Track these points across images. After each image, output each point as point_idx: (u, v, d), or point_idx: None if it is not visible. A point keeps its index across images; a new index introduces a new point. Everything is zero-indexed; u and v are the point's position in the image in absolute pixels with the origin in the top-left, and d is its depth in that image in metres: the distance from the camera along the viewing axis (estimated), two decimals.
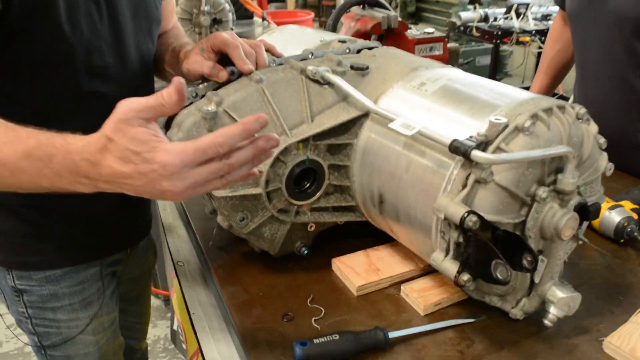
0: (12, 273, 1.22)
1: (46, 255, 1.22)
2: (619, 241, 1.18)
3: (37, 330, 1.28)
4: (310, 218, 1.07)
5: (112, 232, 1.29)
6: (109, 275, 1.33)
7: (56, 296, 1.25)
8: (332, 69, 1.04)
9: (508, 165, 0.79)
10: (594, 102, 1.61)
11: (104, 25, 1.06)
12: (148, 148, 0.72)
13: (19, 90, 1.01)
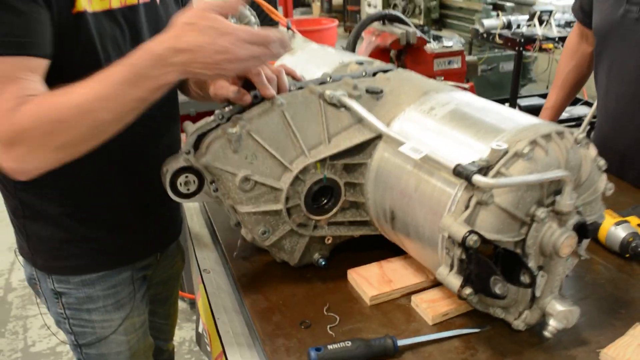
0: (52, 277, 1.32)
1: (82, 261, 1.32)
2: (624, 256, 1.23)
3: (74, 329, 1.38)
4: (328, 232, 1.14)
5: (143, 238, 1.39)
6: (140, 279, 1.43)
7: (91, 298, 1.35)
8: (349, 92, 1.11)
9: (508, 188, 0.86)
10: (615, 117, 1.66)
11: (127, 48, 1.16)
12: (222, 25, 0.95)
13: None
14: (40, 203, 1.25)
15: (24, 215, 1.28)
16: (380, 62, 1.34)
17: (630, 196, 1.52)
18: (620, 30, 1.57)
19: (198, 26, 0.95)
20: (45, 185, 1.20)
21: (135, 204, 1.33)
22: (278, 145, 1.06)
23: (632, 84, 1.57)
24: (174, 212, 1.49)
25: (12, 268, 3.70)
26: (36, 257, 1.33)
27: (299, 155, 1.06)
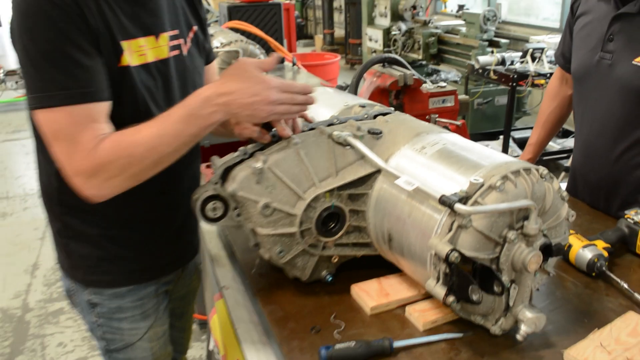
0: (88, 290, 1.53)
1: (115, 276, 1.53)
2: (591, 275, 1.41)
3: (106, 336, 1.58)
4: (334, 252, 1.34)
5: (167, 257, 1.60)
6: (163, 293, 1.63)
7: (121, 309, 1.55)
8: (353, 133, 1.31)
9: (483, 214, 1.05)
10: (587, 151, 1.86)
11: (160, 94, 1.39)
12: (259, 75, 1.22)
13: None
14: (81, 226, 1.47)
15: (67, 236, 1.49)
16: (380, 105, 1.55)
17: (602, 223, 1.71)
18: (595, 75, 1.76)
19: (239, 76, 1.22)
20: (86, 210, 1.42)
21: (161, 227, 1.54)
22: (293, 178, 1.26)
23: (602, 121, 1.76)
24: (193, 234, 1.70)
25: (29, 289, 3.87)
26: (75, 271, 1.53)
27: (311, 186, 1.26)
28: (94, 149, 1.19)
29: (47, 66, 1.18)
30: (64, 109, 1.19)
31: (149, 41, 1.37)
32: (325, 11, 11.69)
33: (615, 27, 1.68)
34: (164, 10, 1.42)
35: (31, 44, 1.18)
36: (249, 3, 4.22)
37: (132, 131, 1.22)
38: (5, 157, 6.70)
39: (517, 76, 4.70)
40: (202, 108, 1.21)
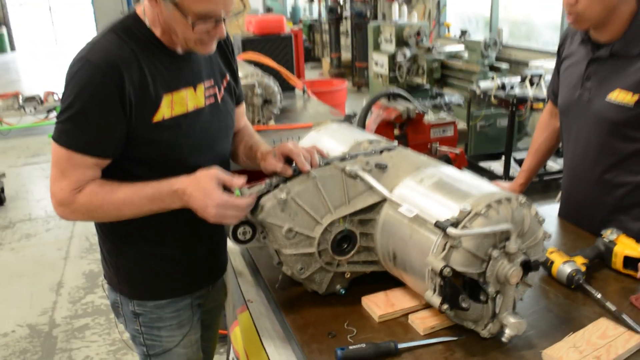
0: (133, 302, 1.77)
1: (157, 290, 1.78)
2: (570, 287, 1.63)
3: (146, 343, 1.82)
4: (347, 268, 1.56)
5: (200, 274, 1.85)
6: (196, 305, 1.87)
7: (161, 319, 1.79)
8: (362, 167, 1.54)
9: (471, 236, 1.27)
10: (572, 174, 2.08)
11: (196, 138, 1.64)
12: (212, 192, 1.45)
13: (140, 171, 1.60)
14: (128, 246, 1.72)
15: (116, 255, 1.75)
16: (385, 140, 1.78)
17: (584, 241, 1.91)
18: (576, 109, 1.99)
19: (198, 183, 1.48)
20: (132, 234, 1.68)
21: (196, 247, 1.77)
22: (312, 206, 1.49)
23: (583, 148, 1.99)
24: (222, 254, 1.93)
25: (55, 307, 4.10)
26: (122, 286, 1.78)
27: (327, 213, 1.49)
28: (74, 190, 1.51)
29: (71, 114, 1.47)
30: (68, 150, 1.49)
31: (189, 92, 1.62)
32: (332, 35, 12.00)
33: (591, 69, 1.91)
34: (200, 64, 1.67)
35: (71, 95, 1.47)
36: (261, 36, 4.48)
37: (109, 188, 1.53)
38: (27, 180, 6.97)
39: (516, 101, 4.93)
40: (168, 197, 1.52)
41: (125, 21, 1.57)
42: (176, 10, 1.44)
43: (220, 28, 1.52)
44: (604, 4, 1.77)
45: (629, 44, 1.81)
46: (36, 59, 19.44)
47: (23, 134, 9.00)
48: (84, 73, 1.46)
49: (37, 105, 8.74)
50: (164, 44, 1.57)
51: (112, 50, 1.48)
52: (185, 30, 1.49)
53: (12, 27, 22.91)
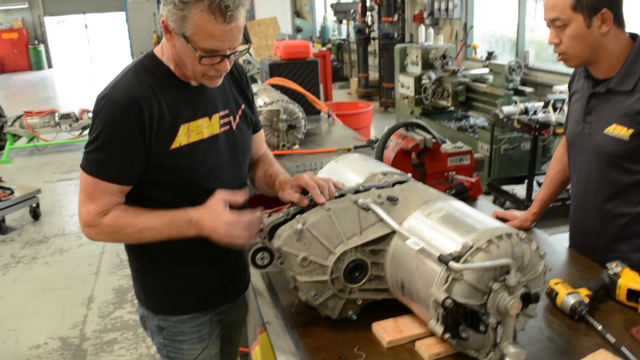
0: (158, 316, 1.93)
1: (180, 306, 1.93)
2: (574, 318, 1.69)
3: (170, 355, 1.97)
4: (359, 295, 1.66)
5: (220, 292, 1.99)
6: (217, 321, 2.01)
7: (183, 333, 1.94)
8: (374, 200, 1.64)
9: (472, 270, 1.36)
10: (577, 203, 2.16)
11: (212, 163, 1.81)
12: (219, 213, 1.63)
13: (160, 195, 1.77)
14: (153, 267, 1.90)
15: (143, 273, 1.92)
16: (399, 173, 1.88)
17: (591, 272, 1.97)
18: (579, 141, 2.08)
19: (209, 209, 1.67)
20: (158, 254, 1.84)
21: (215, 267, 1.89)
22: (326, 236, 1.59)
23: (586, 179, 2.07)
24: (243, 274, 2.04)
25: (85, 320, 4.25)
26: (148, 301, 1.94)
27: (340, 243, 1.59)
28: (100, 213, 1.69)
29: (97, 145, 1.66)
30: (94, 178, 1.67)
31: (205, 121, 1.79)
32: (360, 55, 12.14)
33: (591, 103, 2.01)
34: (215, 95, 1.84)
35: (97, 128, 1.66)
36: (288, 60, 4.62)
37: (132, 213, 1.70)
38: (61, 196, 7.22)
39: (539, 125, 4.97)
40: (184, 224, 1.68)
41: (143, 60, 1.77)
42: (187, 44, 1.60)
43: (225, 64, 1.67)
44: (585, 43, 1.87)
45: (622, 80, 1.90)
46: (72, 76, 20.00)
47: (58, 150, 9.31)
48: (107, 109, 1.65)
49: (73, 123, 9.05)
50: (179, 77, 1.76)
51: (132, 88, 1.67)
52: (193, 63, 1.65)
53: (50, 45, 23.62)
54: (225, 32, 1.58)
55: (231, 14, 1.55)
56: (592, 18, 1.85)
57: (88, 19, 25.85)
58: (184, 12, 1.55)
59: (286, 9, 11.10)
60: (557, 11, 1.87)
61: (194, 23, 1.56)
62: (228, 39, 1.60)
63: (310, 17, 18.85)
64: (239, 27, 1.61)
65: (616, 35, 1.90)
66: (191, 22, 1.56)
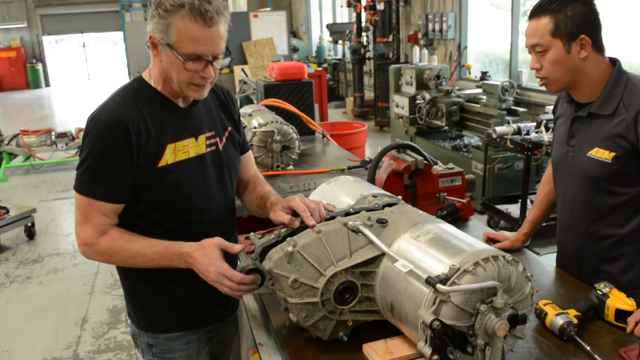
0: (148, 334, 1.97)
1: (168, 324, 1.97)
2: (563, 338, 1.71)
3: None
4: (349, 317, 1.67)
5: (209, 311, 2.02)
6: (205, 340, 2.05)
7: (172, 350, 1.98)
8: (364, 222, 1.67)
9: (459, 292, 1.38)
10: (563, 225, 2.19)
11: (198, 181, 1.87)
12: (216, 261, 1.69)
13: (150, 214, 1.83)
14: (144, 285, 1.94)
15: (133, 292, 1.96)
16: (389, 195, 1.90)
17: (581, 293, 1.99)
18: (564, 164, 2.12)
19: (204, 250, 1.72)
20: (147, 274, 1.88)
21: (205, 289, 1.91)
22: (316, 259, 1.61)
23: (571, 201, 2.10)
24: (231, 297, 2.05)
25: (79, 341, 4.24)
26: (139, 319, 1.98)
27: (330, 265, 1.61)
28: (97, 234, 1.76)
29: (87, 166, 1.74)
30: (87, 198, 1.74)
31: (191, 141, 1.86)
32: (356, 75, 12.24)
33: (574, 127, 2.05)
34: (202, 117, 1.91)
35: (87, 149, 1.74)
36: (283, 81, 4.67)
37: (127, 238, 1.77)
38: (56, 215, 7.22)
39: (531, 145, 5.02)
40: (175, 257, 1.75)
41: (131, 84, 1.87)
42: (172, 51, 1.69)
43: (209, 70, 1.74)
44: (565, 68, 1.92)
45: (603, 104, 1.95)
46: (69, 95, 20.07)
47: (54, 169, 9.33)
48: (95, 131, 1.73)
49: (69, 142, 9.08)
50: (166, 97, 1.84)
51: (119, 109, 1.75)
52: (179, 72, 1.72)
53: (48, 63, 23.75)
54: (207, 35, 1.67)
55: (211, 16, 1.65)
56: (571, 44, 1.89)
57: (86, 38, 26.03)
58: (167, 20, 1.66)
59: (282, 29, 11.20)
60: (537, 37, 1.92)
61: (177, 30, 1.66)
62: (209, 43, 1.69)
63: (307, 37, 19.02)
64: (219, 33, 1.70)
65: (596, 60, 1.94)
66: (174, 29, 1.66)
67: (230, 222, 2.05)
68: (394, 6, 10.93)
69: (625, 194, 1.95)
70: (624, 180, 1.93)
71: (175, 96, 1.85)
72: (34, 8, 22.54)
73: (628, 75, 1.96)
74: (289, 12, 17.15)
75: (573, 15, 1.88)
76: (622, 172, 1.92)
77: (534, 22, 1.94)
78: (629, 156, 1.90)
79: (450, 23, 9.62)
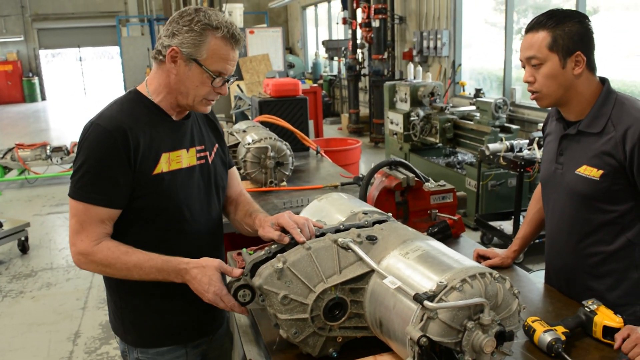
0: (137, 349, 1.98)
1: (159, 339, 1.98)
2: (551, 355, 1.73)
3: None
4: (339, 333, 1.68)
5: (197, 326, 2.04)
6: (195, 354, 2.06)
7: None
8: (354, 239, 1.69)
9: (446, 309, 1.39)
10: (551, 242, 2.21)
11: (188, 187, 1.92)
12: (216, 283, 1.71)
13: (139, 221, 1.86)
14: (133, 300, 1.95)
15: (121, 307, 1.97)
16: (379, 212, 1.92)
17: (570, 310, 2.01)
18: (552, 181, 2.14)
19: (205, 270, 1.74)
20: (136, 289, 1.90)
21: (194, 303, 1.92)
22: (306, 275, 1.63)
23: (560, 218, 2.13)
24: (220, 311, 2.08)
25: (71, 356, 4.22)
26: (127, 335, 1.99)
27: (320, 281, 1.63)
28: (94, 242, 1.77)
29: (85, 171, 1.76)
30: (84, 204, 1.76)
31: (184, 152, 1.92)
32: (351, 91, 12.31)
33: (563, 145, 2.07)
34: (193, 132, 1.99)
35: (84, 155, 1.76)
36: (277, 98, 4.71)
37: (124, 250, 1.78)
38: (50, 229, 7.20)
39: (524, 163, 5.06)
40: (172, 272, 1.76)
41: (128, 95, 1.93)
42: (198, 67, 1.79)
43: (225, 87, 1.87)
44: (558, 82, 1.95)
45: (592, 123, 1.98)
46: (65, 109, 20.09)
47: (49, 183, 9.33)
48: (94, 136, 1.77)
49: (64, 156, 9.09)
50: (161, 109, 1.89)
51: (117, 116, 1.81)
52: (200, 87, 1.82)
53: (44, 77, 23.79)
54: (232, 57, 1.82)
55: (238, 39, 1.81)
56: (567, 59, 1.93)
57: (83, 52, 26.11)
58: (201, 37, 1.76)
59: (278, 45, 11.27)
60: (534, 50, 1.95)
61: (210, 48, 1.78)
62: (232, 64, 1.84)
63: (303, 54, 19.15)
64: (237, 55, 1.85)
65: (588, 78, 1.97)
66: (207, 47, 1.77)
67: (217, 236, 2.10)
68: (389, 23, 11.03)
69: (613, 211, 1.98)
70: (612, 197, 1.96)
71: (170, 109, 1.91)
72: (31, 22, 22.61)
73: (617, 94, 1.99)
74: (285, 28, 17.30)
75: (570, 32, 1.91)
76: (610, 190, 1.95)
77: (531, 35, 1.97)
78: (617, 174, 1.93)
79: (445, 40, 9.71)
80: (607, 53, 7.11)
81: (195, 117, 2.02)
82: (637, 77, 7.20)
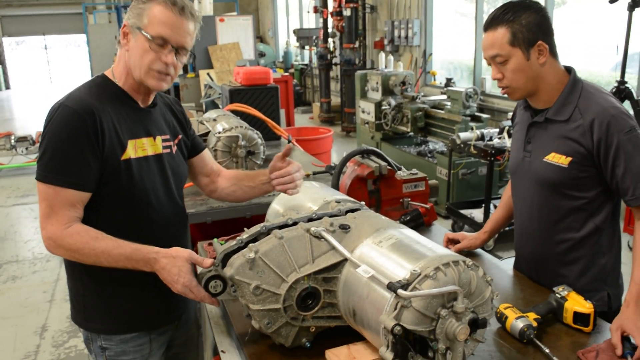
0: (101, 336, 1.96)
1: (123, 325, 1.96)
2: (523, 341, 1.74)
3: None
4: (312, 323, 1.66)
5: (159, 312, 2.02)
6: (160, 341, 2.05)
7: (125, 352, 1.97)
8: (327, 228, 1.66)
9: (420, 297, 1.38)
10: (520, 230, 2.22)
11: (154, 174, 1.92)
12: (185, 274, 1.66)
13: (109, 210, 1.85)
14: (96, 285, 1.92)
15: (84, 294, 1.94)
16: (352, 201, 1.91)
17: (541, 296, 2.02)
18: (520, 169, 2.15)
19: (175, 260, 1.70)
20: (100, 274, 1.86)
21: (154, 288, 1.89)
22: (278, 265, 1.60)
23: (528, 206, 2.14)
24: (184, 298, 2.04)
25: (38, 350, 4.13)
26: (90, 323, 1.97)
27: (292, 271, 1.60)
28: (64, 226, 1.73)
29: (53, 153, 1.72)
30: (54, 187, 1.72)
31: (149, 140, 1.91)
32: (323, 80, 12.27)
33: (531, 132, 2.09)
34: (159, 120, 1.99)
35: (53, 136, 1.73)
36: (248, 86, 4.65)
37: (94, 235, 1.74)
38: (15, 221, 7.04)
39: (494, 151, 5.10)
40: (141, 261, 1.73)
41: (95, 80, 1.92)
42: (140, 33, 1.78)
43: (171, 56, 1.82)
44: (526, 75, 1.96)
45: (559, 110, 1.99)
46: (30, 98, 19.64)
47: (14, 174, 9.11)
48: (62, 117, 1.74)
49: (29, 146, 8.89)
50: (128, 95, 1.90)
51: (86, 99, 1.79)
52: (143, 55, 1.79)
53: (8, 66, 23.22)
54: (175, 22, 1.79)
55: (182, 6, 1.79)
56: (529, 51, 1.93)
57: (48, 40, 25.53)
58: (144, 5, 1.79)
59: (249, 34, 11.14)
60: (496, 48, 1.95)
61: (150, 13, 1.78)
62: (177, 31, 1.80)
63: (274, 42, 19.01)
64: (188, 27, 1.82)
65: (553, 65, 1.98)
66: (148, 13, 1.78)
67: (182, 225, 2.11)
68: (360, 12, 11.00)
69: (581, 198, 1.99)
70: (580, 184, 1.98)
71: (135, 92, 1.91)
72: None
73: (583, 82, 2.01)
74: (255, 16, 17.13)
75: (528, 24, 1.92)
76: (578, 177, 1.96)
77: (491, 34, 1.97)
78: (585, 161, 1.94)
79: (416, 30, 9.73)
80: (574, 43, 7.21)
81: (162, 106, 2.04)
82: (603, 67, 7.32)
